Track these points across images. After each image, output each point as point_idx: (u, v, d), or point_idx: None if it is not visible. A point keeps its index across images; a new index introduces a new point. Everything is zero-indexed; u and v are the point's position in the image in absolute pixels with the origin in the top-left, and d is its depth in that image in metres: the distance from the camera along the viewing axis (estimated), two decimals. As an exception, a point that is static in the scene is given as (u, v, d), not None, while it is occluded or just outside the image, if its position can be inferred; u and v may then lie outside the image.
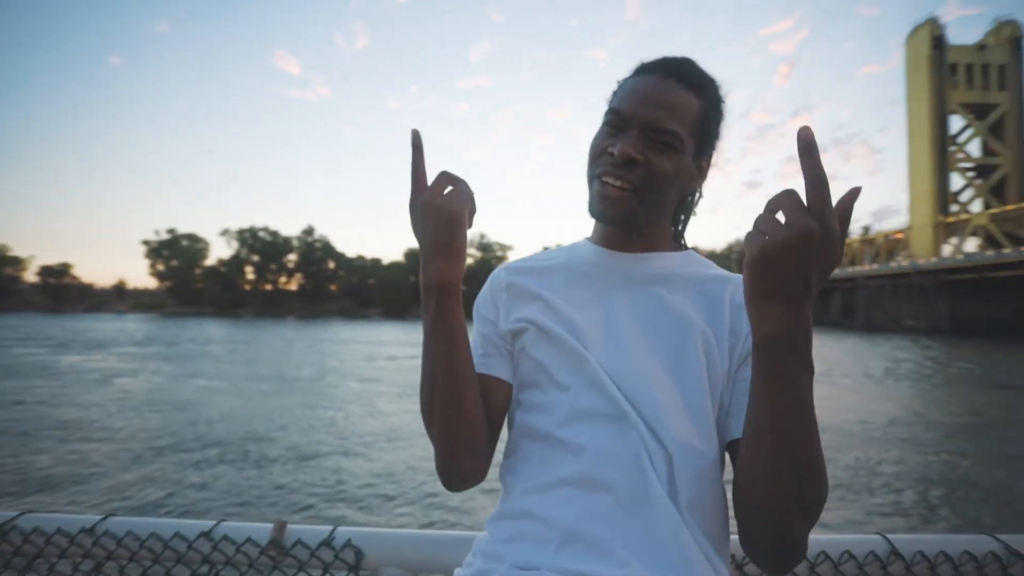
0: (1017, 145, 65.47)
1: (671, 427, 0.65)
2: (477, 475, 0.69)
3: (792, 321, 0.51)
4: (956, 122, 65.99)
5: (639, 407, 0.65)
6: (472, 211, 0.68)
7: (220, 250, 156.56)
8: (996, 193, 64.97)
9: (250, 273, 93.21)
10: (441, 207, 0.63)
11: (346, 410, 10.92)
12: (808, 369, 0.52)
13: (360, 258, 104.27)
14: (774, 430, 0.54)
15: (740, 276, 0.75)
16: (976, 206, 65.00)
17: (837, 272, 71.33)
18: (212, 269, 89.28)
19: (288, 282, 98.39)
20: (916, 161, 66.52)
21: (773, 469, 0.54)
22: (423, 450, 7.61)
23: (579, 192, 0.79)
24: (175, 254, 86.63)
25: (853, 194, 0.51)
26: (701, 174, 0.77)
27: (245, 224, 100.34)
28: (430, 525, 5.16)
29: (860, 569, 0.85)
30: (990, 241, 57.38)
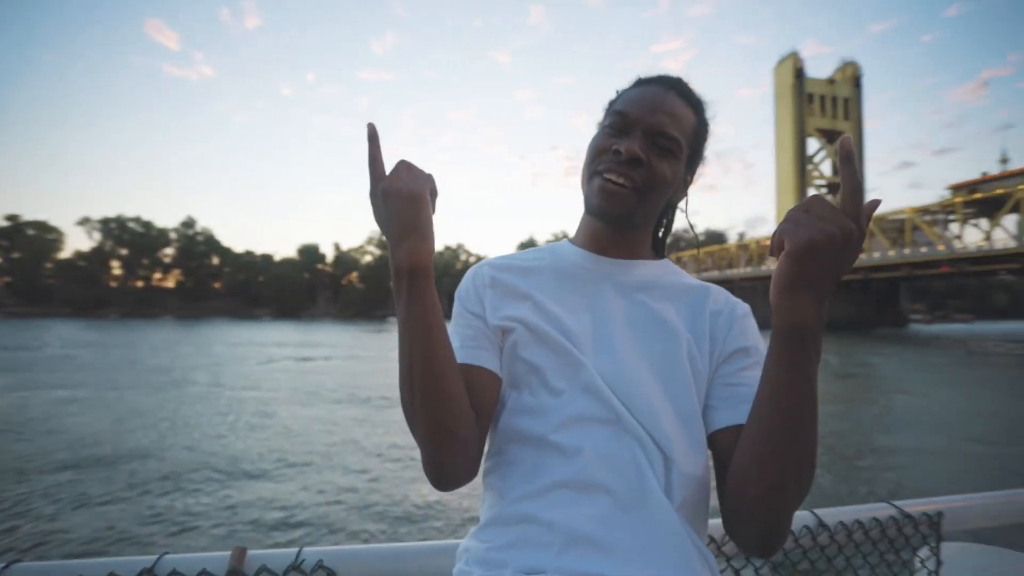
0: (858, 167, 76.13)
1: (666, 431, 0.66)
2: (469, 471, 0.66)
3: (817, 312, 0.55)
4: (813, 144, 75.42)
5: (634, 412, 0.67)
6: (433, 193, 0.66)
7: (78, 242, 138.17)
8: (843, 208, 75.31)
9: (117, 268, 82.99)
10: (401, 189, 0.62)
11: (243, 419, 10.10)
12: (819, 357, 0.57)
13: (249, 254, 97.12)
14: (790, 417, 0.56)
15: (716, 287, 0.80)
16: (827, 218, 74.59)
17: (716, 274, 78.54)
18: (67, 263, 78.28)
19: (164, 279, 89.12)
20: (782, 176, 75.08)
21: (784, 464, 0.57)
22: (346, 463, 7.21)
23: (482, 193, 0.79)
24: (16, 245, 74.79)
25: (874, 204, 0.54)
26: (686, 187, 0.80)
27: (111, 213, 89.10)
28: (396, 537, 4.83)
29: (796, 542, 0.95)
30: (838, 249, 65.80)
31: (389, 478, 6.68)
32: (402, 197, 0.62)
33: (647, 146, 0.72)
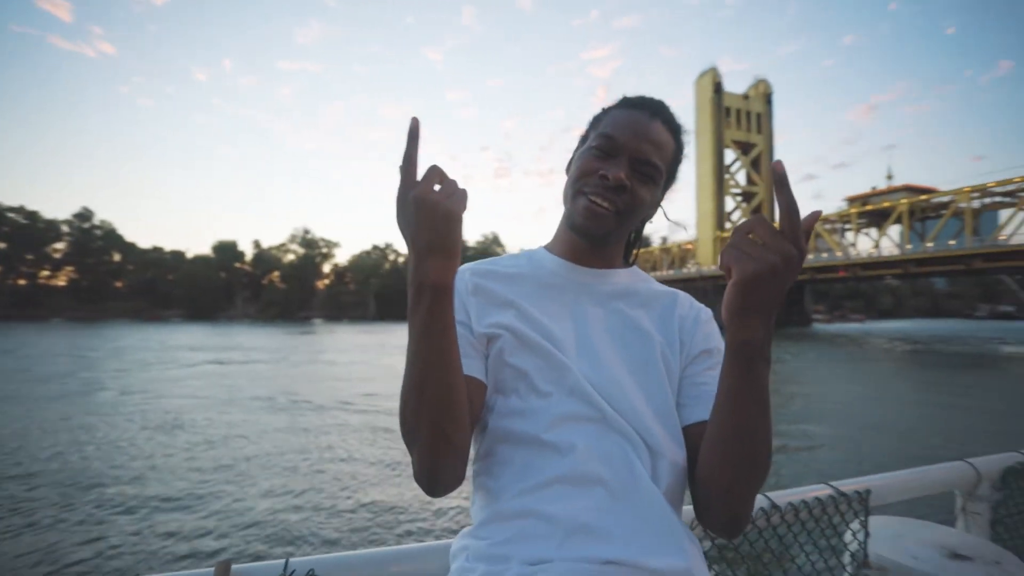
0: (769, 178, 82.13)
1: (648, 426, 0.71)
2: (459, 478, 0.67)
3: (765, 329, 0.59)
4: (730, 155, 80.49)
5: (618, 409, 0.71)
6: (464, 209, 0.65)
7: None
8: (756, 214, 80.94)
9: (-7, 264, 74.06)
10: (438, 204, 0.60)
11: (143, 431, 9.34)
12: (769, 365, 0.62)
13: (157, 250, 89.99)
14: (744, 428, 0.62)
15: (683, 293, 0.86)
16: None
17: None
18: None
19: (54, 277, 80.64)
20: (701, 184, 79.49)
21: (740, 461, 0.63)
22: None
23: None
24: None
25: (814, 217, 0.57)
26: (658, 206, 0.85)
27: (-14, 201, 78.85)
28: (374, 542, 4.59)
29: (753, 523, 1.02)
30: (750, 254, 70.70)
31: (351, 483, 6.46)
32: (437, 213, 0.60)
33: (631, 172, 0.76)
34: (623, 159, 0.75)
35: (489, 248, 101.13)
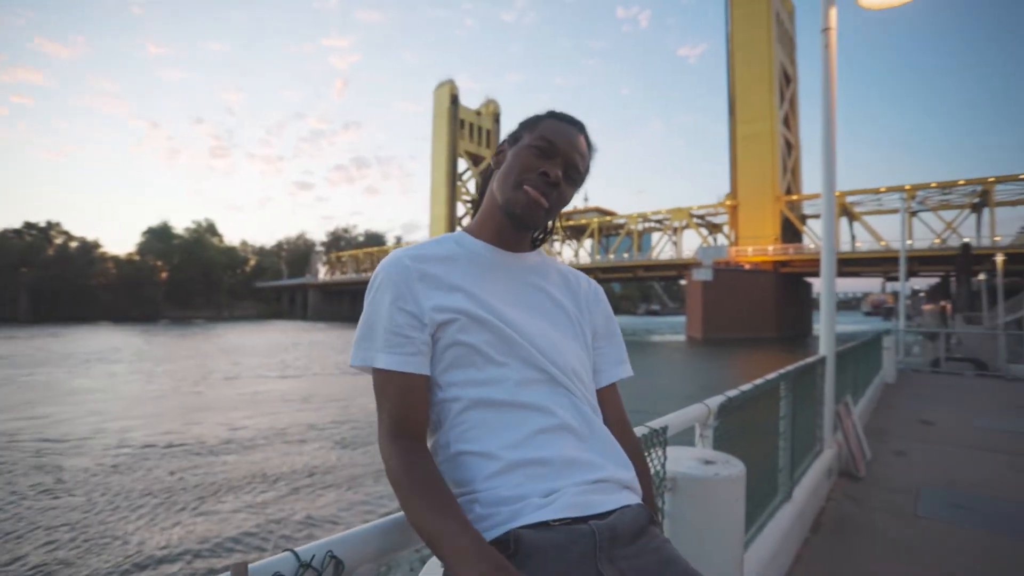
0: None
1: (584, 383, 0.88)
2: None
3: None
4: (463, 164, 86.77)
5: (562, 371, 0.84)
6: None
7: None
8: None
9: None
10: None
11: None
12: None
13: None
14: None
15: (577, 271, 1.02)
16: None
17: (360, 276, 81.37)
18: None
19: None
20: (436, 189, 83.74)
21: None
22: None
23: (89, 158, 0.74)
24: None
25: None
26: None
27: None
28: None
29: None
30: (477, 257, 77.60)
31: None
32: None
33: (562, 173, 0.89)
34: (559, 161, 0.88)
35: (203, 238, 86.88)
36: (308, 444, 8.84)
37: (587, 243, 63.89)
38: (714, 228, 57.83)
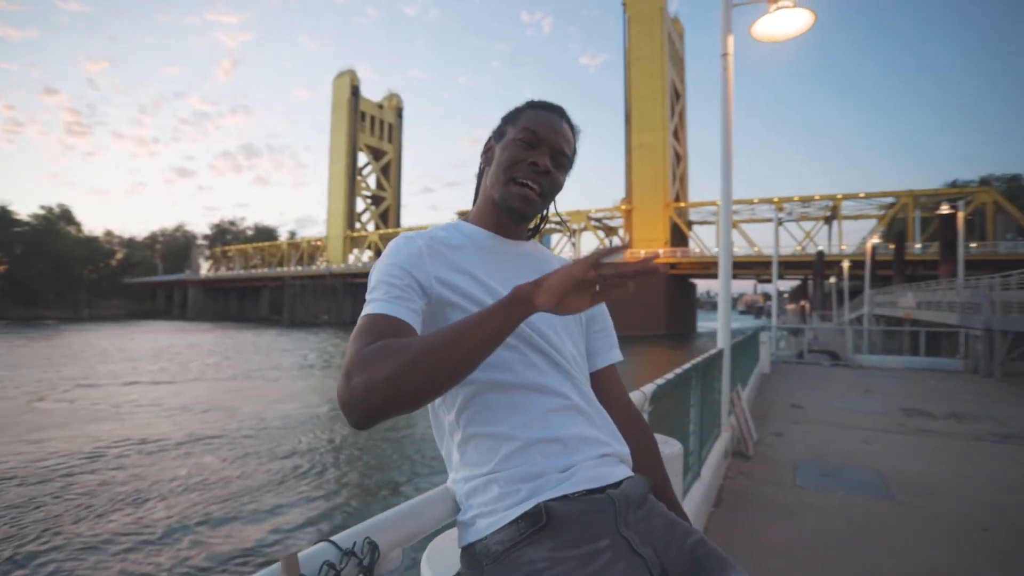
0: (396, 185, 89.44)
1: (580, 367, 0.93)
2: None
3: None
4: (363, 158, 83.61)
5: (563, 356, 0.88)
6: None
7: None
8: (383, 218, 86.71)
9: None
10: (571, 291, 0.66)
11: None
12: None
13: None
14: None
15: (568, 260, 1.07)
16: (371, 226, 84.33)
17: (266, 271, 76.05)
18: None
19: None
20: (334, 183, 79.79)
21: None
22: None
23: None
24: None
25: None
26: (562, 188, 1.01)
27: None
28: None
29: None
30: (378, 253, 74.86)
31: None
32: (567, 296, 0.65)
33: (551, 160, 0.93)
34: (545, 149, 0.91)
35: (55, 226, 75.46)
36: (178, 457, 8.13)
37: (491, 242, 64.55)
38: (610, 231, 60.87)
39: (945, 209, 21.74)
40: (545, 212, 1.02)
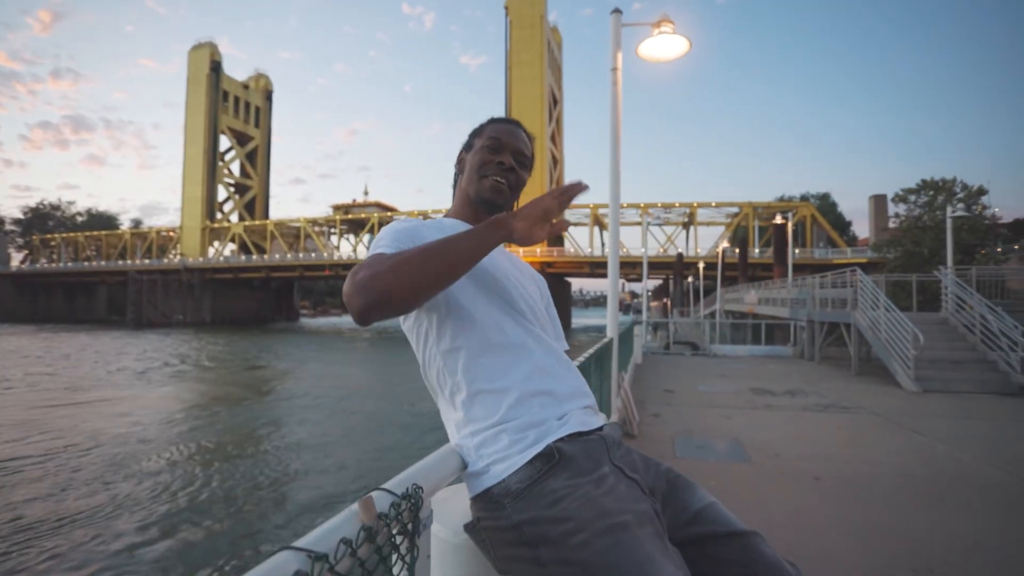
0: (264, 174, 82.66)
1: (557, 332, 1.10)
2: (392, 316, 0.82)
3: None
4: (225, 142, 76.02)
5: (541, 321, 1.04)
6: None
7: None
8: (248, 209, 79.62)
9: None
10: (544, 223, 0.85)
11: None
12: None
13: None
14: None
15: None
16: (235, 217, 77.10)
17: (104, 264, 66.14)
18: None
19: None
20: (190, 167, 71.54)
21: None
22: None
23: None
24: None
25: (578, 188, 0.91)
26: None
27: None
28: None
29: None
30: (243, 247, 69.04)
31: None
32: (541, 224, 0.85)
33: (514, 160, 1.09)
34: (508, 152, 1.08)
35: None
36: None
37: (365, 238, 62.49)
38: (492, 230, 62.01)
39: (779, 219, 25.30)
40: (514, 206, 1.15)
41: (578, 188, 0.87)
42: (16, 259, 77.61)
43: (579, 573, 0.73)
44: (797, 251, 48.54)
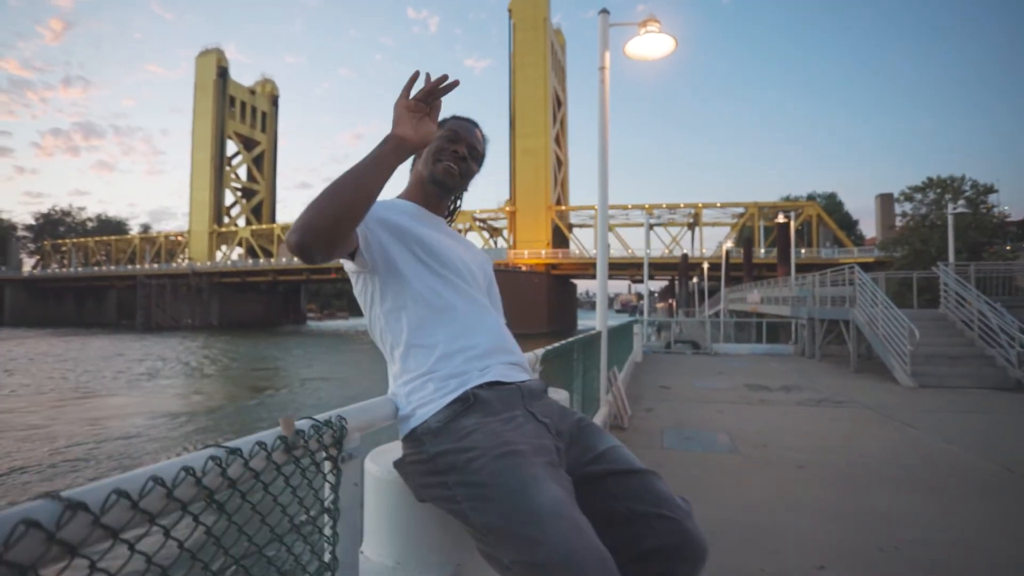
0: (271, 178, 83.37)
1: (491, 297, 1.20)
2: (325, 256, 0.90)
3: None
4: (232, 147, 76.66)
5: (479, 290, 1.14)
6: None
7: None
8: (256, 213, 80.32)
9: None
10: (408, 119, 0.96)
11: None
12: None
13: None
14: None
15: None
16: (242, 221, 77.78)
17: (114, 269, 66.85)
18: None
19: None
20: (198, 172, 72.27)
21: None
22: None
23: None
24: None
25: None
26: (473, 177, 1.27)
27: None
28: None
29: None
30: (250, 251, 69.60)
31: None
32: (407, 124, 0.96)
33: (467, 152, 1.20)
34: (463, 144, 1.19)
35: None
36: None
37: (376, 241, 62.75)
38: (495, 232, 62.23)
39: (781, 219, 25.26)
40: (459, 203, 1.29)
41: (414, 79, 0.97)
42: (28, 264, 78.73)
43: (475, 493, 0.82)
44: (803, 251, 48.39)
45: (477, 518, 0.81)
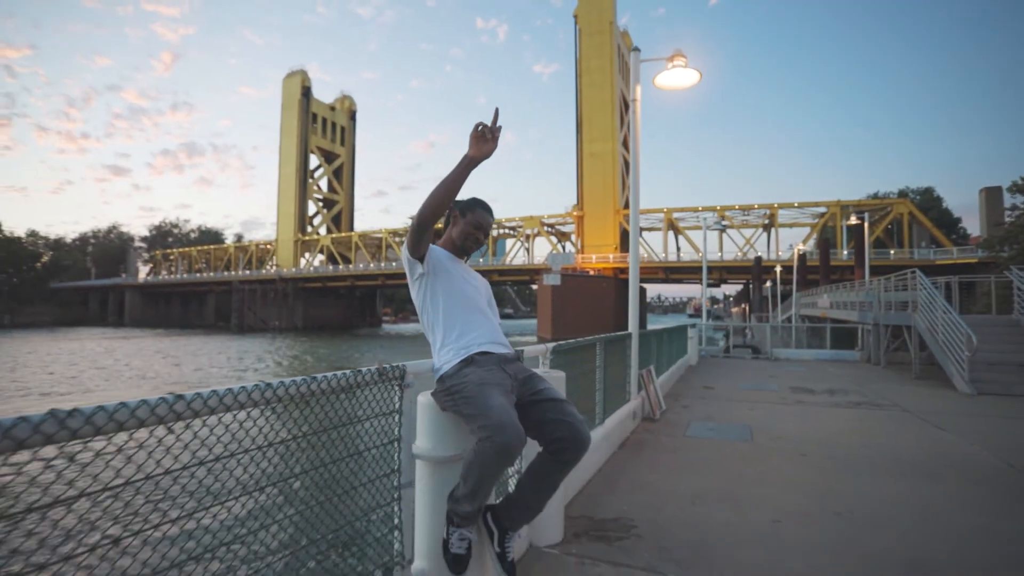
0: (349, 189, 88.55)
1: (491, 307, 1.95)
2: (431, 230, 1.71)
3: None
4: (315, 160, 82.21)
5: (483, 302, 1.88)
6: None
7: None
8: (335, 222, 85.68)
9: None
10: (482, 144, 1.65)
11: None
12: None
13: None
14: None
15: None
16: (323, 230, 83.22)
17: (212, 275, 73.42)
18: None
19: None
20: (284, 185, 78.15)
21: None
22: None
23: None
24: None
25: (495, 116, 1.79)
26: None
27: None
28: None
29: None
30: (330, 258, 74.15)
31: None
32: (481, 150, 1.65)
33: (482, 235, 1.95)
34: (481, 232, 1.94)
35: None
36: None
37: (446, 247, 64.79)
38: (563, 236, 62.56)
39: (854, 220, 24.11)
40: (471, 255, 2.04)
41: (493, 119, 1.66)
42: (143, 272, 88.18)
43: (465, 400, 1.57)
44: (893, 252, 45.30)
45: (465, 411, 1.57)
